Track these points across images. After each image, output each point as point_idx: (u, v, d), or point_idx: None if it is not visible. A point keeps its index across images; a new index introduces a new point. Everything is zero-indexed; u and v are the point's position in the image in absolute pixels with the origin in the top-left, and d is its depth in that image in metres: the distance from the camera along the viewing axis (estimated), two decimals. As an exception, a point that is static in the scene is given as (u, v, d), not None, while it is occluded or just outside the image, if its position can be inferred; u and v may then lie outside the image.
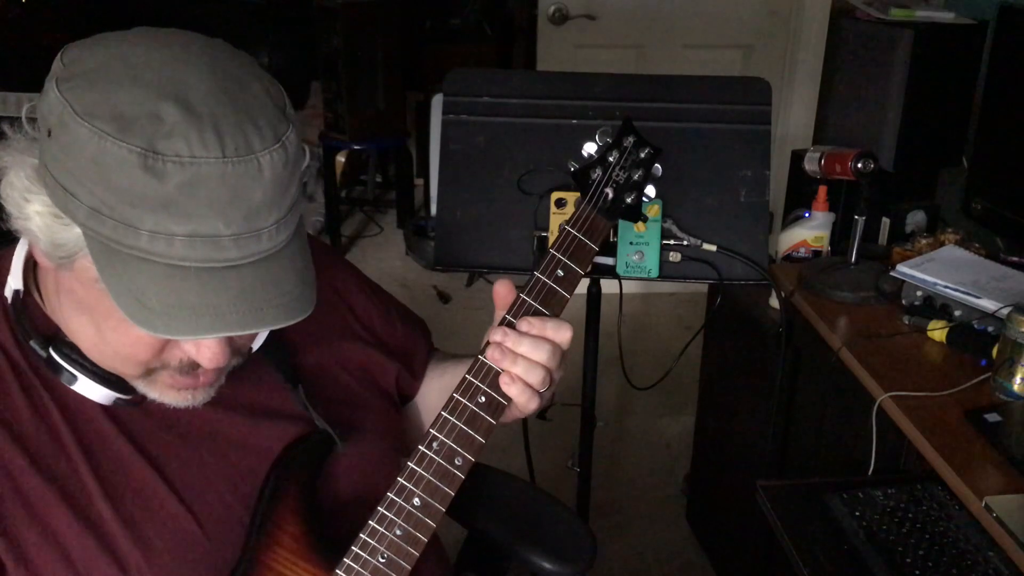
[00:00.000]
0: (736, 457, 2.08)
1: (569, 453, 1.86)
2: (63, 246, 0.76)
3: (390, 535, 0.90)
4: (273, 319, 0.76)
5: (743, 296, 1.90)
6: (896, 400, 1.40)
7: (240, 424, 0.94)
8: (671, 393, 2.82)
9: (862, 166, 1.65)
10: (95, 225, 0.72)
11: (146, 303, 0.73)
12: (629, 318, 3.45)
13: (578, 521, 1.32)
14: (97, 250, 0.73)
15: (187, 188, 0.70)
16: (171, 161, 0.70)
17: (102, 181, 0.70)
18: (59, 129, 0.71)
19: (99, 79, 0.72)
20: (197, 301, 0.73)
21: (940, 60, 2.55)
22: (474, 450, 0.90)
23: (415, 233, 3.98)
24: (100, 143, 0.69)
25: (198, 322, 0.73)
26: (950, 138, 2.59)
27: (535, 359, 0.90)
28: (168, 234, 0.71)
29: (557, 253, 0.95)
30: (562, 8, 3.24)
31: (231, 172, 0.71)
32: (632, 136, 1.02)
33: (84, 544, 0.84)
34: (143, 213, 0.71)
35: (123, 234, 0.71)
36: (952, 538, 1.26)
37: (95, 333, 0.82)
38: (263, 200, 0.74)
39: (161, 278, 0.73)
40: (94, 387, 0.85)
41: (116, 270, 0.73)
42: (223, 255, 0.73)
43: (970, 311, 1.53)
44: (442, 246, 1.56)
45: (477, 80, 1.56)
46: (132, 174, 0.69)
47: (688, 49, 3.34)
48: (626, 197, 1.00)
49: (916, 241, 1.84)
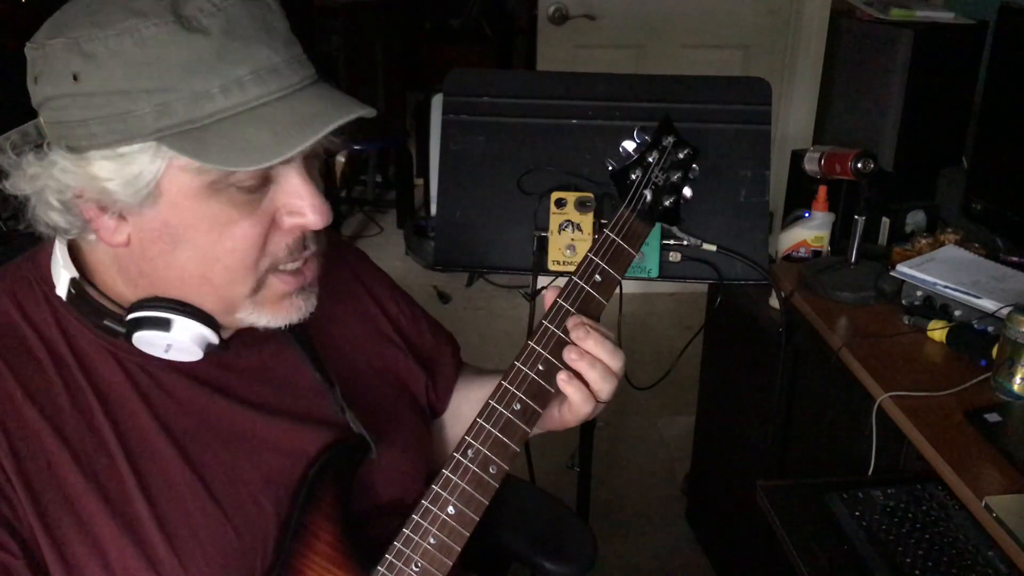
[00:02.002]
0: (736, 457, 2.07)
1: (569, 453, 1.86)
2: (141, 176, 0.76)
3: (424, 543, 0.88)
4: (358, 109, 0.80)
5: (743, 296, 1.90)
6: (896, 400, 1.40)
7: (275, 426, 0.93)
8: (671, 393, 2.82)
9: (862, 166, 1.65)
10: (167, 120, 0.74)
11: (257, 145, 0.75)
12: (629, 318, 3.45)
13: (578, 521, 1.32)
14: (182, 144, 0.75)
15: (229, 31, 0.74)
16: (203, 16, 0.73)
17: (154, 70, 0.73)
18: (85, 62, 0.73)
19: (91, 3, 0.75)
20: (294, 119, 0.76)
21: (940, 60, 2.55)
22: (508, 458, 0.89)
23: (415, 233, 3.98)
24: (135, 36, 0.72)
25: (305, 130, 0.76)
26: (950, 138, 2.59)
27: (612, 367, 0.91)
28: (237, 80, 0.74)
29: (596, 258, 0.93)
30: (562, 8, 3.24)
31: (255, 8, 0.76)
32: (671, 136, 0.98)
33: (120, 544, 0.83)
34: (206, 74, 0.73)
35: (197, 107, 0.74)
36: (952, 538, 1.26)
37: (200, 260, 0.81)
38: (285, 29, 0.79)
39: (252, 123, 0.75)
40: (189, 328, 0.84)
41: (211, 146, 0.74)
42: (288, 81, 0.77)
43: (970, 311, 1.53)
44: (442, 246, 1.56)
45: (477, 80, 1.56)
46: (178, 42, 0.72)
47: (688, 49, 3.33)
48: (664, 200, 0.98)
49: (916, 241, 1.84)
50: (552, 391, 0.91)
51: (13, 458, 0.81)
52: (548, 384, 0.90)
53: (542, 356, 0.90)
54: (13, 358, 0.85)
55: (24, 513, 0.81)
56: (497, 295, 3.75)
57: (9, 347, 0.85)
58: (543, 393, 0.90)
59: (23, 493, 0.81)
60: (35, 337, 0.86)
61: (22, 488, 0.81)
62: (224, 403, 0.90)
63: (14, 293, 0.88)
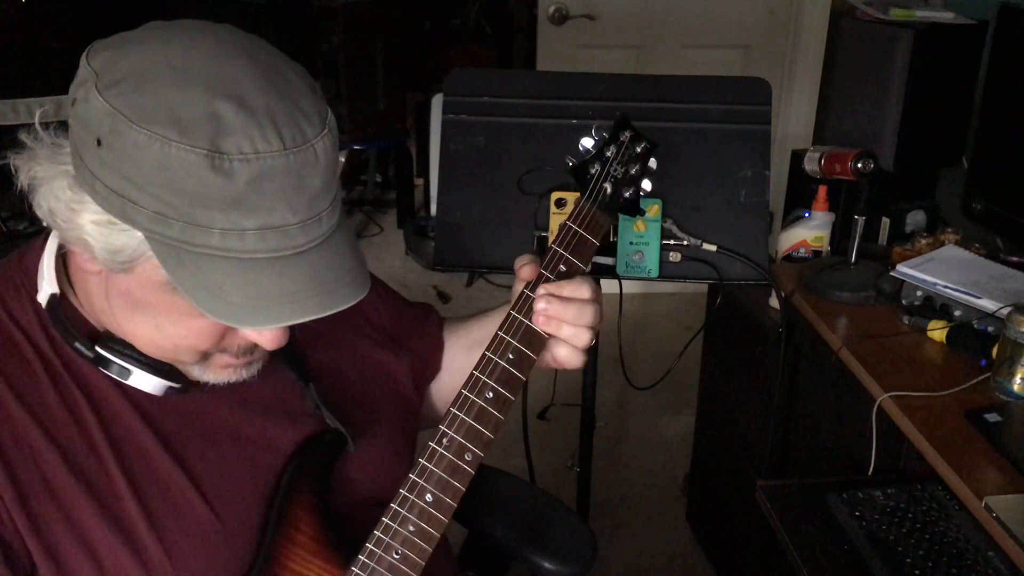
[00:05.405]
0: (736, 457, 2.07)
1: (569, 453, 1.86)
2: (122, 251, 0.76)
3: (403, 531, 0.91)
4: (345, 298, 0.78)
5: (743, 296, 1.90)
6: (896, 400, 1.40)
7: (258, 421, 0.95)
8: (671, 393, 2.82)
9: (862, 166, 1.65)
10: (161, 228, 0.73)
11: (225, 298, 0.74)
12: (629, 318, 3.45)
13: (578, 521, 1.32)
14: (164, 252, 0.74)
15: (255, 183, 0.72)
16: (237, 159, 0.71)
17: (168, 185, 0.71)
18: (112, 137, 0.71)
19: (146, 83, 0.72)
20: (276, 290, 0.75)
21: (940, 60, 2.54)
22: (483, 445, 0.92)
23: (415, 233, 3.98)
24: (163, 149, 0.70)
25: (280, 311, 0.75)
26: (950, 138, 2.59)
27: (580, 324, 0.92)
28: (240, 230, 0.73)
29: (559, 249, 0.95)
30: (562, 8, 3.24)
31: (293, 162, 0.73)
32: (628, 131, 1.02)
33: (111, 542, 0.85)
34: (214, 213, 0.72)
35: (193, 234, 0.72)
36: (952, 538, 1.26)
37: (153, 329, 0.83)
38: (321, 184, 0.76)
39: (237, 272, 0.74)
40: (148, 378, 0.87)
41: (188, 270, 0.74)
42: (292, 242, 0.75)
43: (970, 311, 1.53)
44: (442, 246, 1.56)
45: (477, 80, 1.56)
46: (201, 175, 0.70)
47: (688, 49, 3.33)
48: (624, 192, 1.01)
49: (916, 241, 1.84)
50: (523, 378, 0.93)
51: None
52: (519, 372, 0.93)
53: (512, 345, 0.92)
54: (0, 357, 0.86)
55: (8, 511, 0.82)
56: (497, 295, 3.75)
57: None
58: (514, 380, 0.93)
59: (9, 489, 0.82)
60: (22, 338, 0.87)
61: (7, 483, 0.82)
62: (205, 399, 0.92)
63: (0, 294, 0.89)
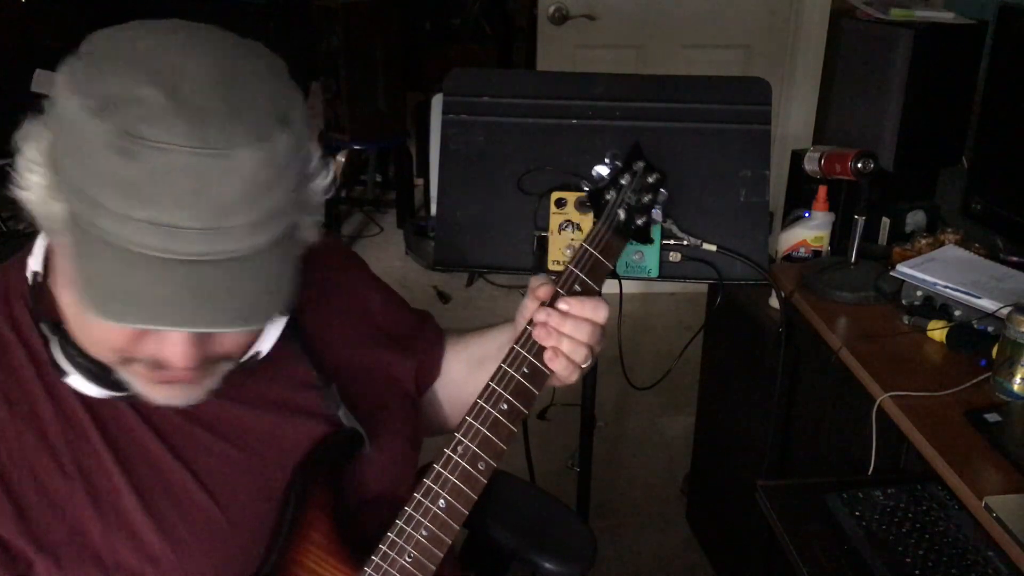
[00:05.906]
0: (736, 457, 2.07)
1: (569, 453, 1.86)
2: (49, 218, 0.76)
3: (417, 535, 0.92)
4: (221, 322, 0.74)
5: (743, 296, 1.90)
6: (896, 400, 1.40)
7: (267, 420, 0.95)
8: (671, 393, 2.82)
9: (862, 166, 1.65)
10: (75, 201, 0.73)
11: (99, 285, 0.72)
12: (629, 318, 3.45)
13: (578, 521, 1.32)
14: (74, 227, 0.74)
15: (155, 174, 0.69)
16: (146, 145, 0.69)
17: (81, 157, 0.71)
18: (57, 107, 0.73)
19: (101, 60, 0.73)
20: (146, 290, 0.72)
21: (940, 60, 2.54)
22: (496, 455, 0.93)
23: (415, 233, 3.98)
24: (82, 119, 0.70)
25: (139, 312, 0.72)
26: (950, 138, 2.58)
27: (578, 338, 0.93)
28: (129, 216, 0.70)
29: (575, 269, 0.97)
30: (562, 8, 3.24)
31: (200, 164, 0.70)
32: (641, 161, 1.04)
33: (112, 540, 0.84)
34: (111, 193, 0.70)
35: (92, 213, 0.71)
36: (952, 538, 1.26)
37: (77, 313, 0.82)
38: (235, 198, 0.72)
39: (115, 261, 0.72)
40: (85, 383, 0.84)
41: (83, 249, 0.73)
42: (186, 248, 0.71)
43: (970, 311, 1.53)
44: (442, 246, 1.56)
45: (477, 80, 1.56)
46: (107, 153, 0.69)
47: (688, 49, 3.34)
48: (637, 219, 1.03)
49: (916, 241, 1.84)
50: (536, 392, 0.95)
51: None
52: (533, 385, 0.94)
53: (527, 359, 0.94)
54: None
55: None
56: (497, 295, 3.75)
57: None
58: (528, 393, 0.94)
59: (2, 495, 0.82)
60: (15, 340, 0.87)
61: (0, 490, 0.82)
62: (211, 398, 0.89)
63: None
